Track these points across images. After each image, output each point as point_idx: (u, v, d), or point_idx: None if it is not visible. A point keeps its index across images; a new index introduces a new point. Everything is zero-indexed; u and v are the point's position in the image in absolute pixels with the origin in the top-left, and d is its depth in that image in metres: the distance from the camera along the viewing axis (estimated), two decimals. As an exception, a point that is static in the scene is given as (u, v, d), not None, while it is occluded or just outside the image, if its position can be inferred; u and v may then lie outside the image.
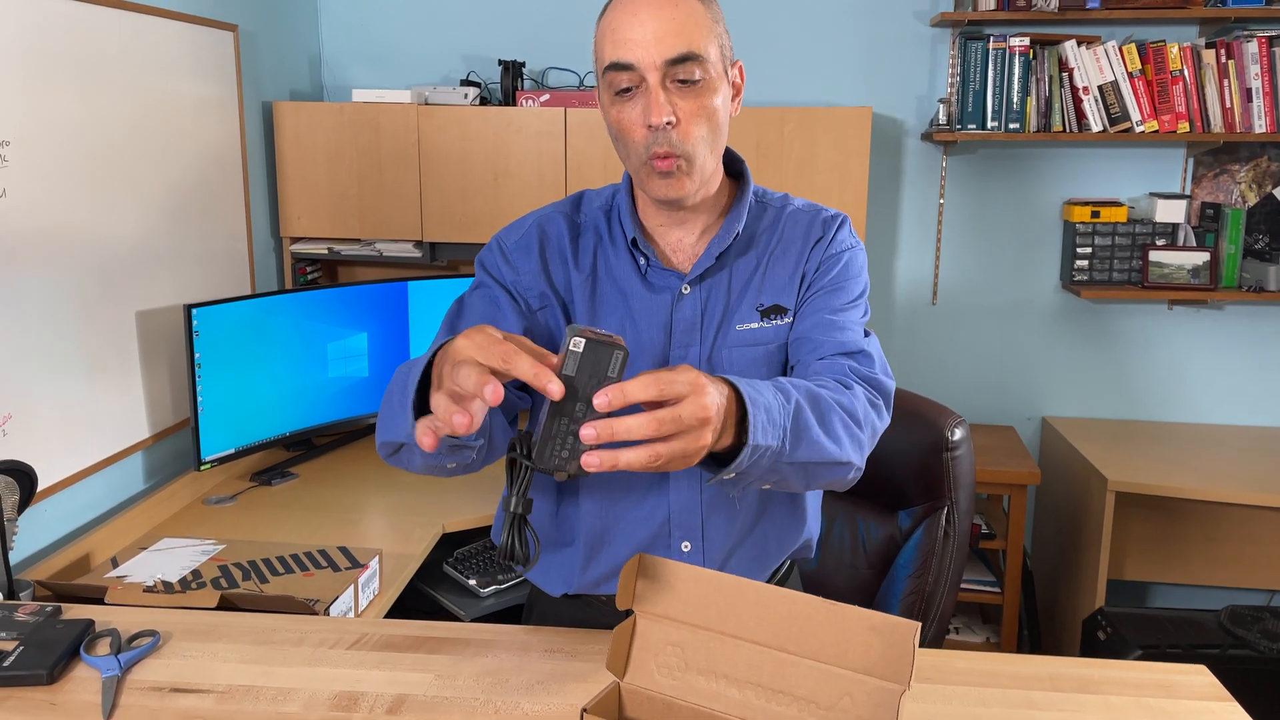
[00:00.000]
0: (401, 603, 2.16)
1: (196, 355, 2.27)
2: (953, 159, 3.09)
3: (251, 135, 2.73)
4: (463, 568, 2.46)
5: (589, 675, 1.20)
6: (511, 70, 2.92)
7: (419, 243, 2.88)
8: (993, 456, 2.87)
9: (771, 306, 1.29)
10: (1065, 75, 2.85)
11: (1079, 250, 2.99)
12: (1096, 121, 2.83)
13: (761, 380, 1.08)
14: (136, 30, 2.20)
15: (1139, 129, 2.82)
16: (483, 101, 2.93)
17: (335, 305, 2.61)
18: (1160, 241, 2.95)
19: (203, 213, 2.49)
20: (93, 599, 1.71)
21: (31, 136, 1.90)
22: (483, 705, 1.15)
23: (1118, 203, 2.99)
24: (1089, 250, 2.98)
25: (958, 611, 3.06)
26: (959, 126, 2.92)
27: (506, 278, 1.30)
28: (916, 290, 3.18)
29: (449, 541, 2.33)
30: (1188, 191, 3.02)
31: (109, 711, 1.14)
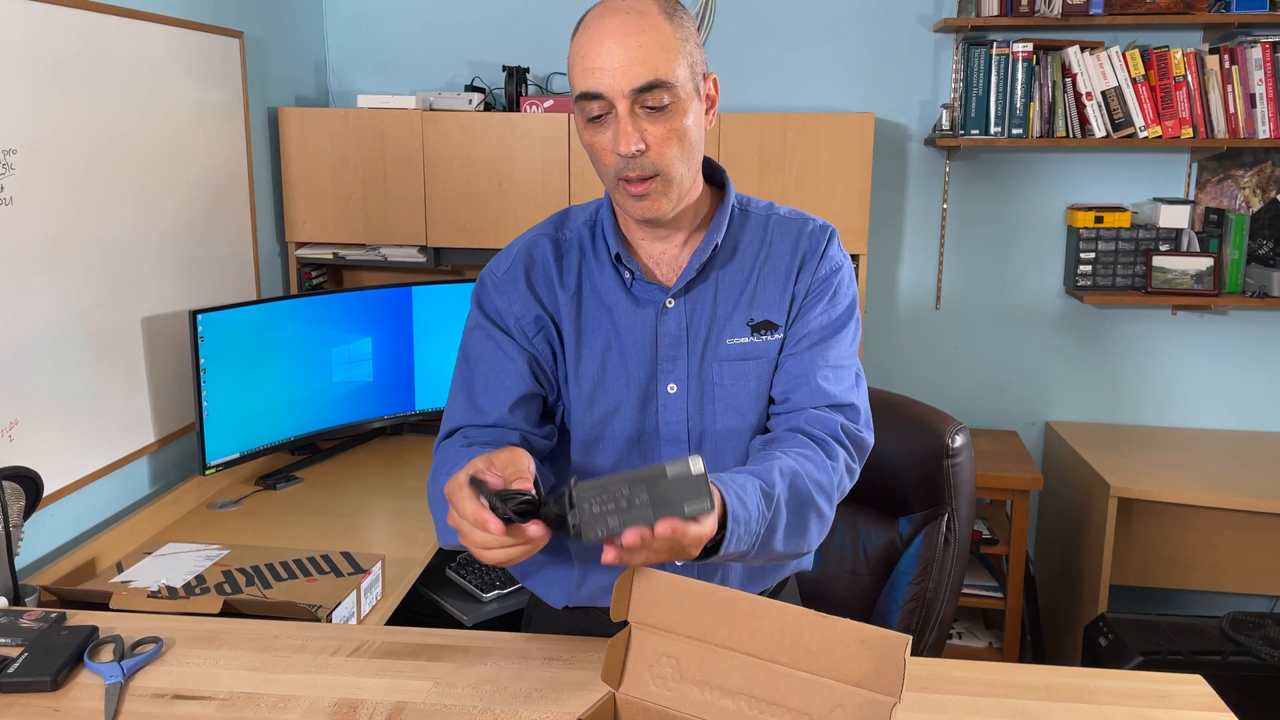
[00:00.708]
0: (404, 607, 2.17)
1: (201, 360, 2.28)
2: (956, 164, 3.09)
3: (257, 141, 2.75)
4: (465, 572, 2.47)
5: (587, 684, 1.21)
6: (516, 76, 2.93)
7: (423, 248, 2.89)
8: (996, 462, 2.87)
9: (762, 322, 1.30)
10: (1069, 81, 2.84)
11: (1082, 255, 2.99)
12: (1100, 127, 2.83)
13: (750, 425, 1.29)
14: (143, 38, 2.21)
15: (1142, 134, 2.82)
16: (487, 107, 2.94)
17: (340, 310, 2.62)
18: (1164, 247, 2.95)
19: (208, 218, 2.51)
20: (98, 604, 1.73)
21: (38, 144, 1.91)
22: (481, 713, 1.16)
23: (1121, 208, 2.99)
24: (1092, 255, 2.98)
25: (960, 617, 3.06)
26: (962, 132, 2.92)
27: (500, 311, 1.31)
28: (920, 295, 3.19)
29: (452, 546, 2.33)
30: (1191, 197, 3.02)
31: (112, 718, 1.16)
